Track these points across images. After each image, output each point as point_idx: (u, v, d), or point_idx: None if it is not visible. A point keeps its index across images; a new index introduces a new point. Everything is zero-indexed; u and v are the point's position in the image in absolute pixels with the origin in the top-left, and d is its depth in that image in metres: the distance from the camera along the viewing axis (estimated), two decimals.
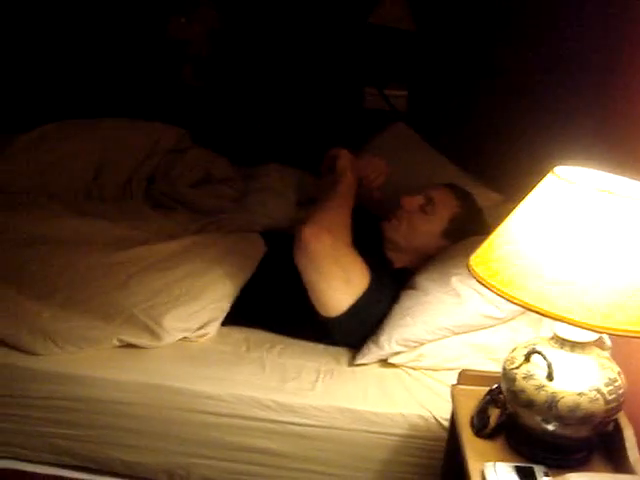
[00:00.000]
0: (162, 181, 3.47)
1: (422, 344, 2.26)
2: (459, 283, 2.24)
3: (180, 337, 2.34)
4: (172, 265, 2.52)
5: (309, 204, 3.38)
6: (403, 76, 4.04)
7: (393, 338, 2.23)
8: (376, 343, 2.26)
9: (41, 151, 3.42)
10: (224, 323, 2.46)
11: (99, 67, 4.04)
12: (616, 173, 1.57)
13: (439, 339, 2.25)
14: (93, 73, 4.05)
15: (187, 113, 3.94)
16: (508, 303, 1.43)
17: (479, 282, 1.51)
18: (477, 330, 2.26)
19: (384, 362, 2.31)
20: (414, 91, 4.03)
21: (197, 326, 2.37)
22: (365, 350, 2.28)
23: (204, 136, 3.84)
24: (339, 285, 2.28)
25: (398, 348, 2.24)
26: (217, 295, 2.45)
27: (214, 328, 2.41)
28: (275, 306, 2.52)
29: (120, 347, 2.29)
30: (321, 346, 2.42)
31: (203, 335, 2.38)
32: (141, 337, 2.30)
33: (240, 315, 2.49)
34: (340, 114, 4.04)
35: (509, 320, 2.26)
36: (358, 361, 2.29)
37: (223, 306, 2.45)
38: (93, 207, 3.18)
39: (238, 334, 2.45)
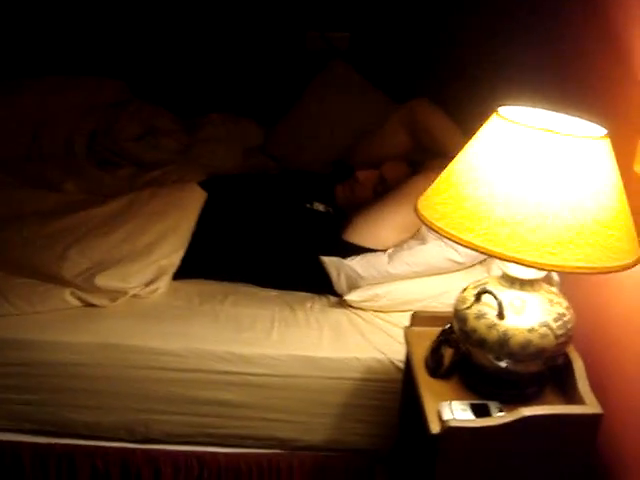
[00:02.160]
0: (104, 136, 3.40)
1: (385, 281, 2.30)
2: (425, 229, 2.32)
3: (126, 295, 2.32)
4: (110, 229, 2.49)
5: (254, 153, 3.38)
6: (345, 18, 3.98)
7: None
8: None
9: None
10: (176, 277, 2.44)
11: (27, 23, 3.90)
12: (558, 111, 1.57)
13: (400, 278, 2.30)
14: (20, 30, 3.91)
15: (124, 65, 3.85)
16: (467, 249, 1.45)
17: (426, 225, 1.52)
18: (439, 273, 2.32)
19: (338, 307, 2.34)
20: (356, 32, 3.98)
21: (142, 283, 2.35)
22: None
23: (144, 88, 3.77)
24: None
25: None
26: (162, 251, 2.43)
27: (164, 283, 2.39)
28: (228, 253, 2.52)
29: (71, 309, 2.27)
30: (274, 293, 2.43)
31: (153, 291, 2.36)
32: (92, 298, 2.28)
33: (191, 267, 2.48)
34: (282, 58, 3.98)
35: (469, 266, 2.31)
36: (348, 297, 2.31)
37: (171, 260, 2.44)
38: (34, 170, 3.11)
39: (190, 287, 2.44)
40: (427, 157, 2.72)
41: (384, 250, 2.38)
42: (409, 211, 2.23)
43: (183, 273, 2.46)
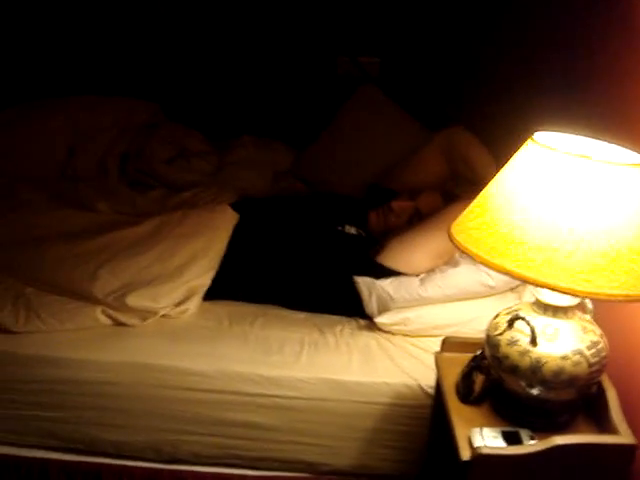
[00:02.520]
0: (137, 158, 3.45)
1: (416, 304, 2.30)
2: (458, 254, 2.35)
3: (156, 315, 2.34)
4: (141, 250, 2.51)
5: (284, 176, 3.39)
6: (376, 43, 4.00)
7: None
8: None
9: (8, 134, 3.38)
10: (206, 298, 2.46)
11: (60, 46, 3.95)
12: (594, 138, 1.57)
13: (432, 301, 2.30)
14: (54, 52, 3.96)
15: (158, 87, 3.89)
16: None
17: (460, 249, 1.52)
18: (470, 298, 2.32)
19: (368, 331, 2.33)
20: (386, 58, 4.00)
21: (172, 304, 2.37)
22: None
23: (177, 110, 3.81)
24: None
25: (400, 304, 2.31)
26: (193, 272, 2.44)
27: (194, 304, 2.40)
28: (258, 275, 2.53)
29: (100, 328, 2.28)
30: (303, 316, 2.43)
31: (184, 311, 2.37)
32: (122, 317, 2.30)
33: (222, 289, 2.49)
34: (314, 83, 4.01)
35: (502, 292, 2.31)
36: (379, 319, 2.30)
37: (202, 281, 2.45)
38: (68, 189, 3.15)
39: (220, 308, 2.44)
40: (463, 187, 2.72)
41: (417, 275, 2.38)
42: (444, 238, 2.24)
43: (213, 294, 2.47)
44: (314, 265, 2.51)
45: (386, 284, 2.34)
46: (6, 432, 2.24)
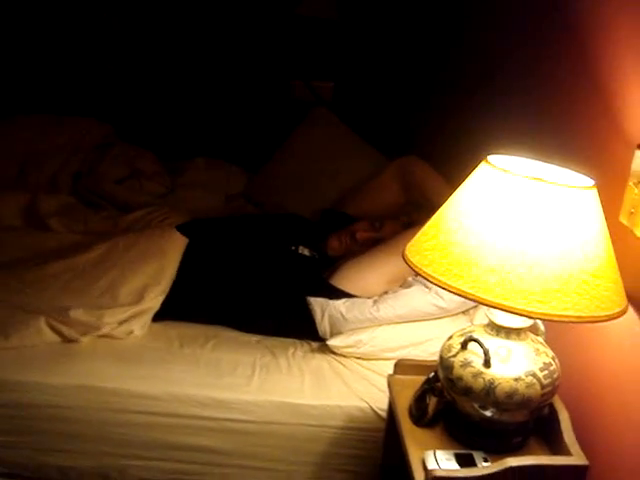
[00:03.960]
0: (88, 177, 3.40)
1: (369, 324, 2.30)
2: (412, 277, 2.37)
3: (98, 331, 2.30)
4: (91, 280, 2.47)
5: (236, 198, 3.39)
6: (329, 68, 4.03)
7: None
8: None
9: None
10: (157, 319, 2.42)
11: (15, 65, 3.91)
12: (546, 161, 1.59)
13: (384, 322, 2.30)
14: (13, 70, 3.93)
15: (112, 107, 3.86)
16: (451, 294, 1.44)
17: (414, 271, 1.51)
18: (423, 319, 2.32)
19: (321, 353, 2.32)
20: (340, 82, 4.03)
21: (115, 322, 2.33)
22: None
23: (130, 131, 3.78)
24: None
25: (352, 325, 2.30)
26: (143, 300, 2.41)
27: (139, 325, 2.36)
28: (209, 296, 2.51)
29: (47, 349, 2.23)
30: (255, 338, 2.41)
31: (128, 332, 2.33)
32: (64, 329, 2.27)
33: (172, 309, 2.46)
34: (268, 106, 4.01)
35: (454, 313, 2.33)
36: (331, 342, 2.29)
37: (151, 305, 2.42)
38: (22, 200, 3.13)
39: (171, 330, 2.41)
40: (421, 215, 2.74)
41: (369, 298, 2.38)
42: (398, 262, 2.25)
43: (164, 314, 2.44)
44: (267, 286, 2.50)
45: (339, 304, 2.33)
46: None
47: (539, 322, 1.65)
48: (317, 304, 2.34)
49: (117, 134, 3.75)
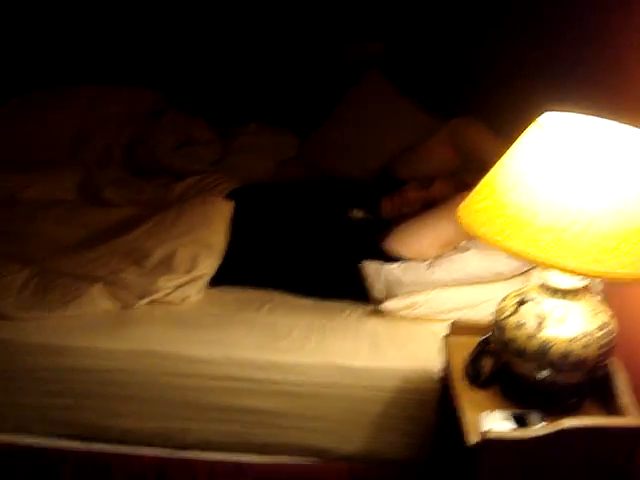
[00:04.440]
0: (141, 147, 3.43)
1: (424, 288, 2.30)
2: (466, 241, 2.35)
3: (153, 296, 2.34)
4: (143, 255, 2.50)
5: (289, 163, 3.39)
6: (380, 29, 3.98)
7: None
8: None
9: (18, 122, 3.40)
10: (213, 284, 2.46)
11: (67, 34, 3.94)
12: (603, 118, 1.55)
13: (440, 285, 2.30)
14: (61, 41, 3.95)
15: (162, 75, 3.87)
16: (510, 259, 1.43)
17: (468, 232, 1.50)
18: (478, 283, 2.31)
19: (376, 316, 2.32)
20: (391, 43, 3.97)
21: (171, 286, 2.37)
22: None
23: (181, 98, 3.79)
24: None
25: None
26: (197, 269, 2.44)
27: (195, 290, 2.40)
28: (264, 261, 2.53)
29: (106, 315, 2.28)
30: (310, 302, 2.42)
31: (184, 297, 2.37)
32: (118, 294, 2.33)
33: (228, 275, 2.49)
34: (319, 69, 3.98)
35: (512, 277, 2.30)
36: (386, 305, 2.30)
37: (205, 271, 2.45)
38: (77, 175, 3.18)
39: (227, 295, 2.44)
40: (475, 176, 2.71)
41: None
42: (451, 226, 2.24)
43: (220, 280, 2.47)
44: (321, 250, 2.51)
45: (394, 268, 2.33)
46: (15, 421, 2.24)
47: (596, 281, 1.62)
48: (371, 268, 2.35)
49: (168, 101, 3.76)
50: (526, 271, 2.30)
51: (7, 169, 3.12)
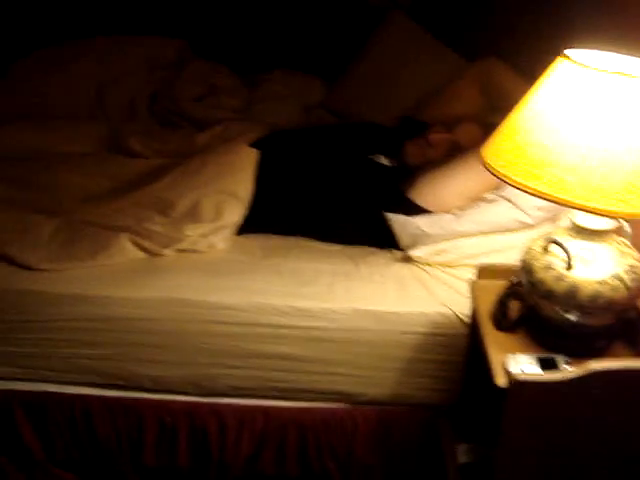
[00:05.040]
0: (165, 97, 3.41)
1: (452, 238, 2.27)
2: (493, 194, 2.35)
3: (180, 243, 2.34)
4: (169, 204, 2.51)
5: (315, 109, 3.36)
6: None
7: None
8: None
9: (41, 75, 3.40)
10: (239, 232, 2.46)
11: None
12: (628, 54, 1.51)
13: (467, 235, 2.27)
14: None
15: (185, 23, 3.84)
16: (537, 209, 1.40)
17: (492, 174, 1.48)
18: (506, 232, 2.28)
19: (402, 261, 2.31)
20: None
21: (198, 234, 2.38)
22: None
23: (204, 46, 3.76)
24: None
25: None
26: (222, 218, 2.45)
27: (222, 238, 2.40)
28: (290, 208, 2.54)
29: (134, 265, 2.29)
30: (336, 248, 2.42)
31: (211, 245, 2.37)
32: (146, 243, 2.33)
33: (254, 222, 2.50)
34: (344, 14, 3.92)
35: (538, 226, 2.27)
36: (414, 252, 2.27)
37: (232, 219, 2.46)
38: (101, 127, 3.19)
39: (252, 242, 2.44)
40: (501, 118, 2.68)
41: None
42: (475, 178, 2.21)
43: (245, 228, 2.47)
44: (345, 196, 2.49)
45: (420, 221, 2.32)
46: (46, 370, 2.27)
47: (624, 223, 1.59)
48: (397, 222, 2.33)
49: (192, 50, 3.73)
50: (554, 219, 2.27)
51: (30, 123, 3.12)
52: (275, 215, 2.52)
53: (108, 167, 2.82)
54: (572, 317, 1.55)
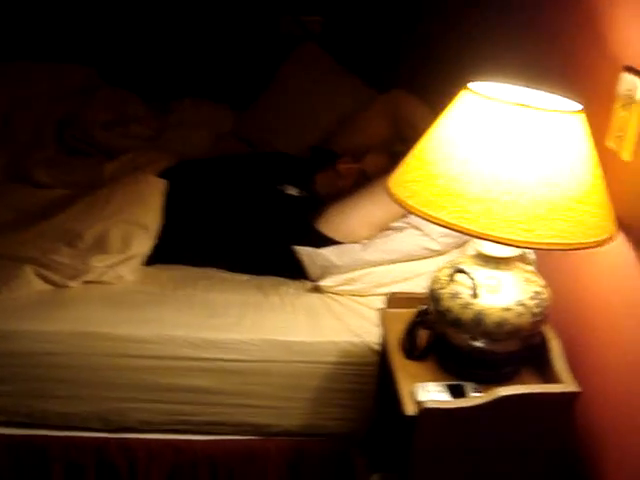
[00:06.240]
0: (73, 125, 3.35)
1: (361, 267, 2.28)
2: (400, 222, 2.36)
3: (86, 275, 2.29)
4: (76, 237, 2.44)
5: (226, 137, 3.35)
6: (317, 2, 3.94)
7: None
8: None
9: None
10: (148, 263, 2.43)
11: None
12: (530, 87, 1.55)
13: (376, 264, 2.28)
14: None
15: (94, 50, 3.79)
16: (443, 235, 1.42)
17: (398, 204, 1.49)
18: (414, 260, 2.30)
19: (312, 290, 2.32)
20: (329, 17, 3.95)
21: (104, 264, 2.33)
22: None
23: (114, 73, 3.71)
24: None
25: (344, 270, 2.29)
26: (130, 249, 2.41)
27: (129, 269, 2.36)
28: (199, 238, 2.51)
29: (39, 296, 2.22)
30: (246, 278, 2.41)
31: (119, 277, 2.33)
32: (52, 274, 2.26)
33: (163, 253, 2.47)
34: (255, 42, 3.94)
35: (445, 252, 2.30)
36: (324, 282, 2.27)
37: (140, 250, 2.42)
38: (7, 156, 3.10)
39: (162, 273, 2.41)
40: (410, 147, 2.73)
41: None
42: (384, 206, 2.23)
43: (155, 259, 2.44)
44: (254, 227, 2.49)
45: (328, 252, 2.33)
46: None
47: (528, 251, 1.63)
48: (305, 254, 2.33)
49: (100, 77, 3.68)
50: (462, 245, 2.31)
51: None
52: (184, 245, 2.50)
53: (12, 197, 2.74)
54: (479, 344, 1.57)
